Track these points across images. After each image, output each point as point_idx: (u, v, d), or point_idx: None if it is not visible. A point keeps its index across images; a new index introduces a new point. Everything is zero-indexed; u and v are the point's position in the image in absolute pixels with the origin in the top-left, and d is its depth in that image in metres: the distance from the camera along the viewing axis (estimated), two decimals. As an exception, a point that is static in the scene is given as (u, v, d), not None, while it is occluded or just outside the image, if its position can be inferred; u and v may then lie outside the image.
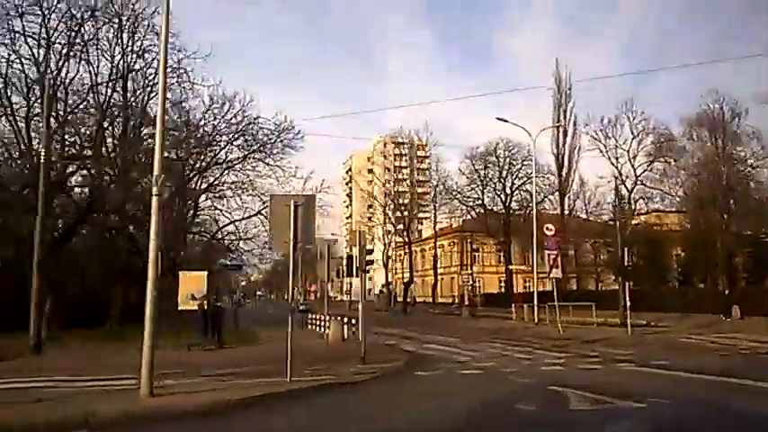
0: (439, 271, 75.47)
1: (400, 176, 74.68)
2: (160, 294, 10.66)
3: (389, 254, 75.26)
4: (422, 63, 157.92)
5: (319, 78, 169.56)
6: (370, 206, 67.32)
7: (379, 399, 11.46)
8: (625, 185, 48.31)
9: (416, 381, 13.73)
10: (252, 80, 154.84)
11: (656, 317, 32.92)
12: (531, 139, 37.55)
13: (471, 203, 65.18)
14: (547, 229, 28.57)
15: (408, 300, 79.41)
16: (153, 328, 10.64)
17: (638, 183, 48.15)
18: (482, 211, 64.96)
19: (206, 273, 24.30)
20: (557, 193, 58.82)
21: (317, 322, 29.14)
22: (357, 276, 23.53)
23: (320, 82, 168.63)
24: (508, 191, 63.90)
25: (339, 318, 26.24)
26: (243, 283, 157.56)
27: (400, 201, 65.57)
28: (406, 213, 63.90)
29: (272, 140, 36.01)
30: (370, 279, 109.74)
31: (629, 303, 25.95)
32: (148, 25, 29.05)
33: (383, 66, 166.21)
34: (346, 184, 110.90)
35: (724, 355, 17.89)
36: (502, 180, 63.84)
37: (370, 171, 68.84)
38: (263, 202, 37.67)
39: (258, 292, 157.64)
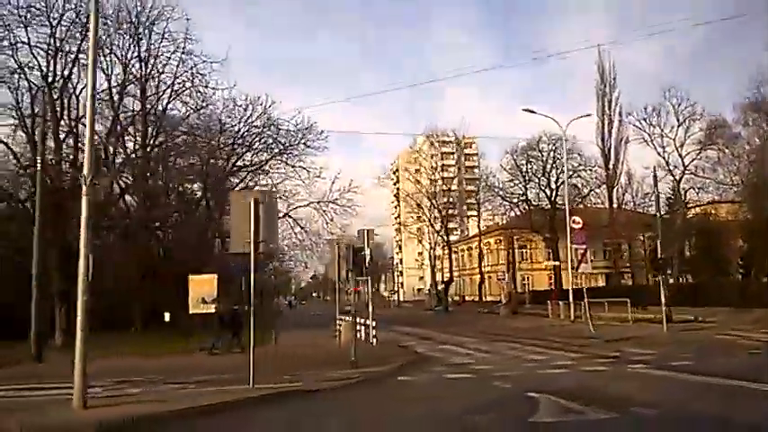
0: (486, 269, 74.05)
1: (446, 174, 72.68)
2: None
3: (437, 253, 74.15)
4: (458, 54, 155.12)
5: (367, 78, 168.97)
6: (419, 205, 65.69)
7: (334, 408, 10.50)
8: (672, 175, 45.89)
9: (393, 387, 12.73)
10: (287, 83, 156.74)
11: (710, 312, 30.93)
12: (562, 129, 35.80)
13: (515, 200, 63.18)
14: (573, 222, 26.89)
15: (457, 298, 78.30)
16: (84, 336, 10.07)
17: (687, 172, 45.54)
18: (526, 207, 62.92)
19: (216, 276, 23.72)
20: (603, 186, 56.35)
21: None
22: (364, 276, 22.98)
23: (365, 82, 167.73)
24: (553, 185, 61.62)
25: (356, 320, 25.46)
26: (302, 285, 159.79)
27: (445, 199, 63.87)
28: (444, 213, 62.28)
29: (295, 142, 35.62)
30: (421, 278, 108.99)
31: (663, 299, 24.09)
32: (164, 33, 29.01)
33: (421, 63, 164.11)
34: (393, 184, 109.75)
35: (755, 353, 16.17)
36: (546, 174, 61.65)
37: (417, 171, 67.03)
38: (289, 205, 37.50)
39: (314, 294, 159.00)
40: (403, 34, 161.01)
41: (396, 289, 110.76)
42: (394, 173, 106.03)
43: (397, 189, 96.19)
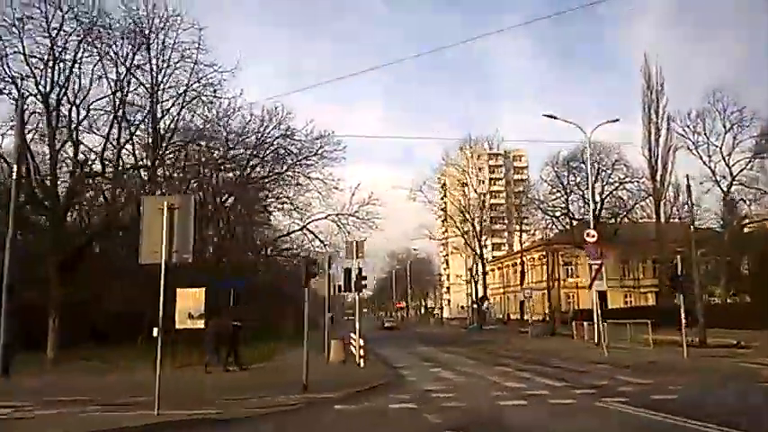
0: (533, 286, 71.60)
1: (481, 189, 70.32)
2: None
3: (478, 269, 72.12)
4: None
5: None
6: (450, 218, 63.91)
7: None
8: (720, 186, 43.03)
9: (315, 418, 11.46)
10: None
11: (759, 336, 28.22)
12: (586, 136, 33.68)
13: (557, 213, 60.74)
14: (588, 235, 24.89)
15: (500, 316, 75.89)
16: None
17: (735, 182, 42.53)
18: (568, 220, 60.37)
19: (203, 289, 22.80)
20: (649, 198, 53.55)
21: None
22: (353, 291, 21.77)
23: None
24: (597, 198, 58.81)
25: (350, 338, 24.41)
26: (348, 300, 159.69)
27: (479, 213, 61.48)
28: (479, 227, 60.03)
29: (311, 153, 34.82)
30: (468, 294, 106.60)
31: (684, 321, 21.89)
32: (174, 43, 28.69)
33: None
34: (441, 198, 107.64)
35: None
36: (590, 187, 58.89)
37: (465, 184, 64.54)
38: (307, 217, 36.74)
39: (365, 310, 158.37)
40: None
41: (438, 306, 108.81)
42: (442, 187, 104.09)
43: (445, 203, 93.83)
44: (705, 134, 43.13)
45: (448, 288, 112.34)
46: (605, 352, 23.31)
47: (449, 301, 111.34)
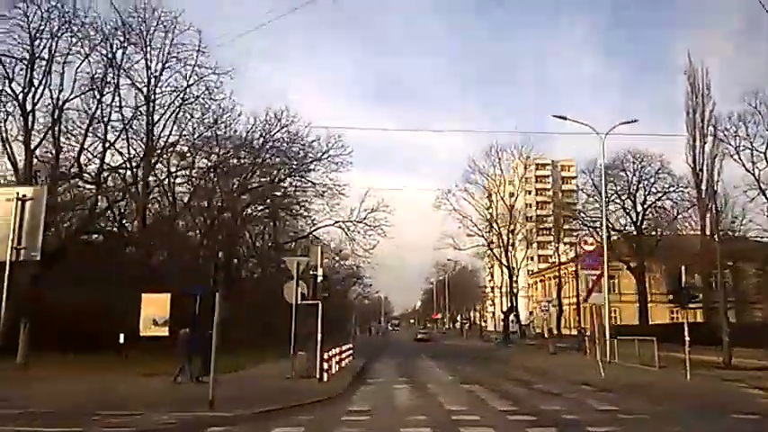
0: (571, 300, 68.67)
1: (517, 198, 67.03)
2: None
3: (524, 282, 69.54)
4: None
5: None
6: (490, 228, 61.06)
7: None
8: (765, 194, 39.61)
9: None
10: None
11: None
12: (601, 139, 31.05)
13: (596, 224, 57.76)
14: (584, 242, 22.59)
15: (539, 330, 72.77)
16: None
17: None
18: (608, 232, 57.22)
19: (168, 295, 21.75)
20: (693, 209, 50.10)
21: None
22: (304, 300, 20.25)
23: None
24: (639, 208, 55.67)
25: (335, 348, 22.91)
26: (395, 314, 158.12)
27: (507, 223, 58.54)
28: (505, 238, 57.18)
29: (317, 157, 33.72)
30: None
31: (687, 338, 19.46)
32: (171, 44, 28.19)
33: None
34: (486, 209, 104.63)
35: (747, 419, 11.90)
36: (631, 196, 55.76)
37: (491, 193, 62.08)
38: (313, 224, 35.61)
39: (411, 321, 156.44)
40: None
41: (482, 318, 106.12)
42: (488, 196, 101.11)
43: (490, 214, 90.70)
44: (748, 137, 39.87)
45: (492, 301, 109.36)
46: (602, 372, 21.03)
47: (493, 313, 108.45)
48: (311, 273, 19.69)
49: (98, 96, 25.52)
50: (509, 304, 59.68)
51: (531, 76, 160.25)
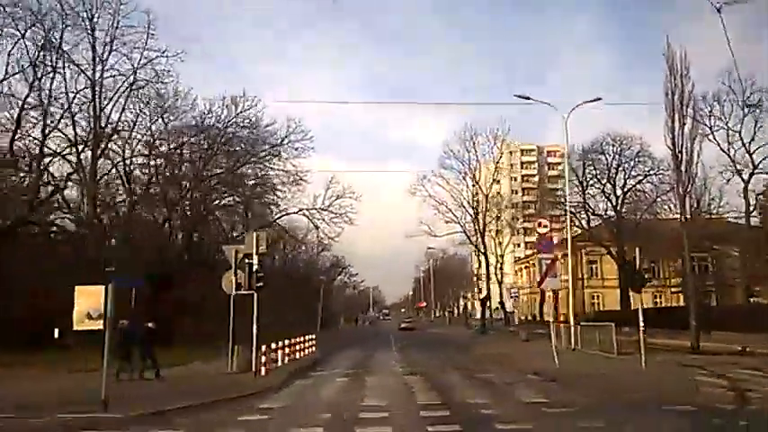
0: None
1: (490, 183, 65.14)
2: None
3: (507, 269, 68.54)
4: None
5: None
6: (465, 213, 59.45)
7: None
8: (740, 176, 38.80)
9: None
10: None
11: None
12: (563, 118, 30.10)
13: (572, 209, 56.87)
14: (539, 225, 21.53)
15: (523, 317, 72.12)
16: None
17: (758, 171, 38.21)
18: (586, 216, 56.46)
19: (102, 287, 20.65)
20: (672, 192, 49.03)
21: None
22: (239, 291, 19.28)
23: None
24: (618, 192, 54.72)
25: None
26: (387, 303, 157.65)
27: (474, 207, 56.80)
28: (482, 223, 55.87)
29: (278, 143, 32.74)
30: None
31: (642, 324, 18.55)
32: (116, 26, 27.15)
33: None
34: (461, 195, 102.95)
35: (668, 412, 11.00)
36: (610, 180, 54.77)
37: (464, 176, 59.97)
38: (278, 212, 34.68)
39: (402, 309, 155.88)
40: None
41: (454, 306, 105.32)
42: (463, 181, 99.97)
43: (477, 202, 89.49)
44: (723, 118, 38.97)
45: (480, 288, 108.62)
46: (556, 361, 20.12)
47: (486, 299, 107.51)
48: (247, 261, 18.68)
49: (30, 80, 24.33)
50: (486, 291, 58.71)
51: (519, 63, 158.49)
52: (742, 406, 11.54)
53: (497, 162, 55.58)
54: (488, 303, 58.78)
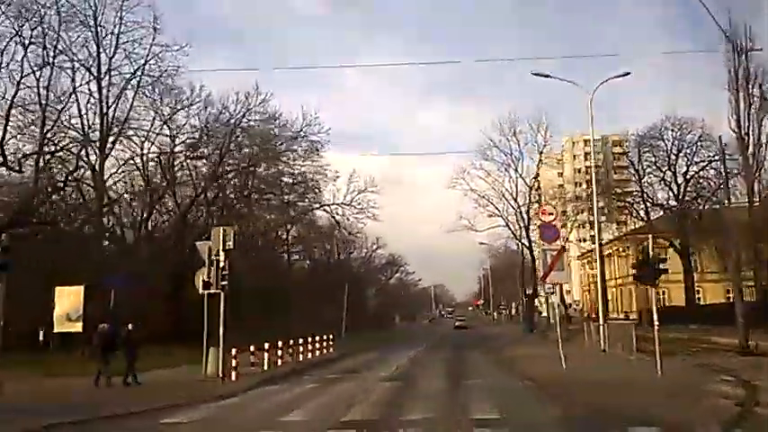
0: (618, 282, 64.49)
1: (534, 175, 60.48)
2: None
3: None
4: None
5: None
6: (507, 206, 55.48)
7: None
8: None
9: None
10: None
11: None
12: (589, 96, 27.37)
13: (629, 200, 53.45)
14: (543, 212, 19.16)
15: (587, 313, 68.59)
16: None
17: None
18: (644, 208, 52.90)
19: (81, 288, 19.94)
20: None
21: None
22: (207, 289, 17.94)
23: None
24: (680, 179, 50.87)
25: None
26: (456, 301, 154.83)
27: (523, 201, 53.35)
28: (525, 217, 52.48)
29: (294, 137, 31.59)
30: (568, 292, 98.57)
31: (656, 320, 16.13)
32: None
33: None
34: (535, 190, 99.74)
35: None
36: (671, 167, 50.97)
37: (507, 167, 56.12)
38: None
39: (470, 308, 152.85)
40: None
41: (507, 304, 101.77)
42: (535, 178, 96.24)
43: (539, 195, 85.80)
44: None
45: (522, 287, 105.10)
46: (563, 364, 17.92)
47: (546, 298, 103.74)
48: (213, 258, 17.38)
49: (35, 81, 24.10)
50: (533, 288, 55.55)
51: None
52: (733, 426, 9.31)
53: (541, 152, 52.23)
54: (538, 300, 55.72)
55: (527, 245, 50.97)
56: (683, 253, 51.90)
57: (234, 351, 17.32)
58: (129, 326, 17.77)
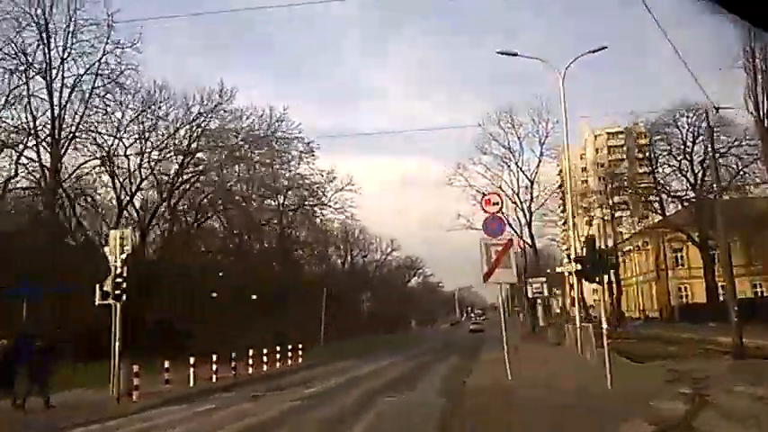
0: (639, 278, 61.50)
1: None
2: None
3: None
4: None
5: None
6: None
7: None
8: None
9: None
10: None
11: None
12: (559, 74, 24.72)
13: (642, 192, 50.58)
14: (487, 202, 16.75)
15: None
16: None
17: None
18: (658, 199, 49.99)
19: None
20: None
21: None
22: (105, 300, 16.12)
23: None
24: (696, 168, 47.72)
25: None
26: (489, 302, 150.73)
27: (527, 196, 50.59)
28: (527, 214, 49.85)
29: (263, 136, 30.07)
30: (594, 291, 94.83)
31: (604, 320, 13.76)
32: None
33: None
34: (558, 187, 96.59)
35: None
36: (687, 156, 47.84)
37: (506, 161, 52.89)
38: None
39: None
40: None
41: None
42: (558, 173, 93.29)
43: (562, 192, 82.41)
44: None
45: (572, 285, 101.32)
46: (509, 372, 15.60)
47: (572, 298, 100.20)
48: (111, 264, 15.57)
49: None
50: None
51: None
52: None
53: (543, 143, 49.38)
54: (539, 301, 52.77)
55: (529, 243, 48.44)
56: (703, 246, 48.63)
57: (136, 368, 15.43)
58: (39, 342, 16.02)
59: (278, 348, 24.85)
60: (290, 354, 26.13)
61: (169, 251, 29.91)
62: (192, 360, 18.46)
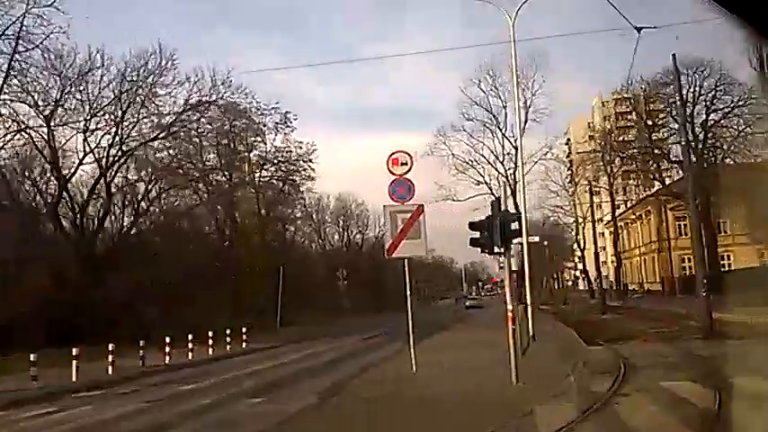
0: (642, 249, 58.84)
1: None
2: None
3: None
4: None
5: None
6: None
7: None
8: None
9: None
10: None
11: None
12: (510, 20, 21.42)
13: (639, 157, 47.67)
14: (394, 162, 14.13)
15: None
16: None
17: None
18: (655, 165, 47.13)
19: None
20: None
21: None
22: None
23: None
24: (698, 129, 44.60)
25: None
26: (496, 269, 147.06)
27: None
28: (511, 182, 46.75)
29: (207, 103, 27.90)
30: (604, 263, 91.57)
31: (529, 297, 11.35)
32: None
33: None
34: (566, 157, 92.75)
35: None
36: (688, 117, 44.45)
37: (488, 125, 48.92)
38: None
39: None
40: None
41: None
42: (566, 143, 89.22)
43: (570, 163, 78.48)
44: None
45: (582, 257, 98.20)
46: (414, 365, 13.26)
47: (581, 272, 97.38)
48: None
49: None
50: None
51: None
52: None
53: (528, 106, 45.24)
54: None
55: (518, 214, 45.30)
56: (705, 214, 45.64)
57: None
58: None
59: (210, 334, 22.75)
60: (228, 339, 24.12)
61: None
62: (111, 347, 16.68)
